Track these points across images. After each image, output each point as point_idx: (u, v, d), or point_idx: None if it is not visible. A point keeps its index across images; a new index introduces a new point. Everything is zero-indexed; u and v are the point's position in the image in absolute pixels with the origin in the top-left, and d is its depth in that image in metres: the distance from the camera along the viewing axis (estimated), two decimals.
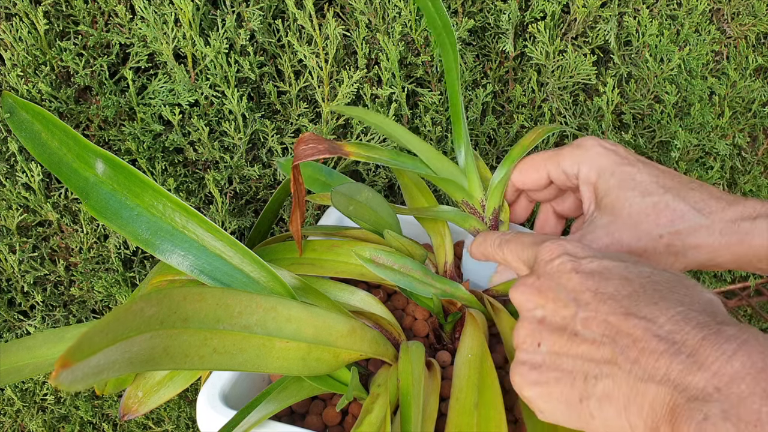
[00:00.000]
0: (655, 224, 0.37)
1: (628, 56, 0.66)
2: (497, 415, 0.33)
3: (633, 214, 0.38)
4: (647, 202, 0.38)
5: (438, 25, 0.44)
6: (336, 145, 0.42)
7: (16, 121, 0.36)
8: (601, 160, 0.41)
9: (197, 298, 0.30)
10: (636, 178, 0.39)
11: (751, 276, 0.84)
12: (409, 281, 0.42)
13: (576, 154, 0.42)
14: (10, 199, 0.60)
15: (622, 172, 0.40)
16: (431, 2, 0.43)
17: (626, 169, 0.40)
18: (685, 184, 0.39)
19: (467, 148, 0.46)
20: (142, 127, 0.59)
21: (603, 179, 0.40)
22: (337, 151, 0.41)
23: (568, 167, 0.42)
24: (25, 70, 0.56)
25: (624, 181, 0.39)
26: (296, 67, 0.62)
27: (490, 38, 0.64)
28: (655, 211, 0.38)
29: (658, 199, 0.38)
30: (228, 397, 0.39)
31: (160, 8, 0.55)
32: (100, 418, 0.75)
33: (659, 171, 0.40)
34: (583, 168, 0.41)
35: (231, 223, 0.64)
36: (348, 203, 0.46)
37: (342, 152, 0.42)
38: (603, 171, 0.40)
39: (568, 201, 0.46)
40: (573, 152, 0.42)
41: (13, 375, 0.39)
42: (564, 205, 0.47)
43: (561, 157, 0.43)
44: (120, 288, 0.65)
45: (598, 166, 0.41)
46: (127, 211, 0.36)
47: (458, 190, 0.46)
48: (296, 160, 0.40)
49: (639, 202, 0.38)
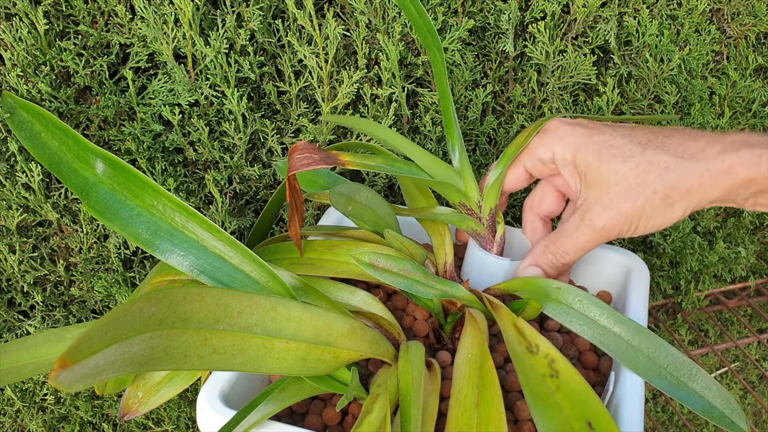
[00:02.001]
0: (645, 183, 0.38)
1: (628, 56, 0.66)
2: (497, 414, 0.33)
3: (621, 180, 0.39)
4: (630, 164, 0.39)
5: (423, 29, 0.44)
6: (331, 155, 0.42)
7: (16, 121, 0.36)
8: (570, 138, 0.41)
9: (197, 298, 0.30)
10: (612, 144, 0.40)
11: (751, 276, 0.84)
12: (409, 284, 0.42)
13: (545, 140, 0.43)
14: (10, 199, 0.60)
15: (595, 142, 0.40)
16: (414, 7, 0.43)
17: (598, 138, 0.40)
18: (659, 133, 0.40)
19: (461, 150, 0.46)
20: (142, 127, 0.59)
21: (580, 155, 0.41)
22: (332, 161, 0.41)
23: (542, 154, 0.43)
24: (25, 70, 0.56)
25: (602, 151, 0.40)
26: (296, 67, 0.62)
27: (490, 38, 0.64)
28: (642, 170, 0.38)
29: (640, 158, 0.39)
30: (228, 397, 0.39)
31: (160, 8, 0.55)
32: (100, 418, 0.75)
33: (630, 129, 0.41)
34: (557, 150, 0.42)
35: (231, 223, 0.64)
36: (347, 203, 0.46)
37: (338, 162, 0.42)
38: (577, 147, 0.41)
39: (549, 198, 0.47)
40: (542, 139, 0.43)
41: (13, 375, 0.39)
42: (546, 207, 0.47)
43: (532, 147, 0.44)
44: (120, 288, 0.65)
45: (571, 144, 0.41)
46: (127, 211, 0.36)
47: (455, 192, 0.46)
48: (291, 170, 0.40)
49: (623, 166, 0.39)
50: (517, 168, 0.45)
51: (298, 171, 0.39)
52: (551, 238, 0.43)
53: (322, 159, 0.41)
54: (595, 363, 0.44)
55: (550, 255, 0.43)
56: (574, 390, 0.33)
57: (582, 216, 0.41)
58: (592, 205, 0.40)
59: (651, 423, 0.86)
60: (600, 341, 0.38)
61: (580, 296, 0.40)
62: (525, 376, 0.34)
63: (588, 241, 0.41)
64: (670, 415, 0.96)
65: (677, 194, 0.38)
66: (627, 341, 0.38)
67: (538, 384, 0.33)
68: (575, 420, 0.31)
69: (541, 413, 0.32)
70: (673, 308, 0.84)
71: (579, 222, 0.41)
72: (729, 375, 0.98)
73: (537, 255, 0.44)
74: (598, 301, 0.39)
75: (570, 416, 0.31)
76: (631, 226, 0.39)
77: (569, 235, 0.42)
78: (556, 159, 0.42)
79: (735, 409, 0.35)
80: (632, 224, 0.39)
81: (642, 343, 0.38)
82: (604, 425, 0.31)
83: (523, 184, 0.46)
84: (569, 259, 0.42)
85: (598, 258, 0.52)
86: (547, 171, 0.44)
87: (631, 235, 0.40)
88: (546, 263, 0.43)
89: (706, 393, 0.36)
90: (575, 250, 0.42)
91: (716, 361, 0.97)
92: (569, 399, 0.32)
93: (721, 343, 0.79)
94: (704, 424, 0.96)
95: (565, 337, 0.46)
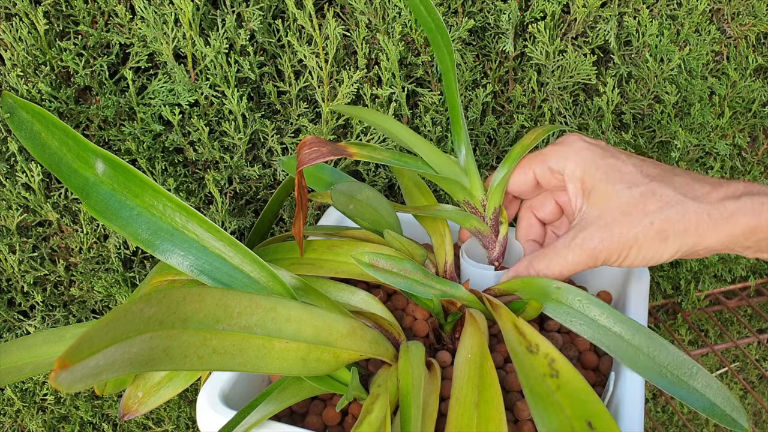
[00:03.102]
0: (644, 212, 0.38)
1: (628, 56, 0.66)
2: (497, 415, 0.33)
3: (622, 204, 0.39)
4: (634, 192, 0.39)
5: (431, 27, 0.44)
6: (339, 147, 0.42)
7: (16, 121, 0.36)
8: (584, 153, 0.41)
9: (197, 298, 0.30)
10: (621, 170, 0.40)
11: (751, 276, 0.84)
12: (409, 284, 0.42)
13: (560, 151, 0.43)
14: (10, 199, 0.60)
15: (607, 164, 0.41)
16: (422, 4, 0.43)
17: (610, 162, 0.41)
18: (669, 171, 0.40)
19: (467, 148, 0.46)
20: (142, 127, 0.59)
21: (589, 173, 0.41)
22: (341, 152, 0.41)
23: (553, 164, 0.43)
24: (25, 70, 0.56)
25: (609, 174, 0.40)
26: (296, 67, 0.62)
27: (490, 38, 0.64)
28: (643, 200, 0.38)
29: (645, 188, 0.39)
30: (228, 398, 0.39)
31: (160, 8, 0.55)
32: (100, 418, 0.75)
33: (641, 161, 0.41)
34: (568, 164, 0.42)
35: (231, 223, 0.64)
36: (348, 202, 0.46)
37: (346, 153, 0.42)
38: (588, 165, 0.41)
39: (549, 206, 0.47)
40: (557, 149, 0.43)
41: (13, 374, 0.39)
42: (545, 210, 0.47)
43: (545, 155, 0.43)
44: (120, 288, 0.65)
45: (583, 161, 0.41)
46: (127, 211, 0.36)
47: (460, 190, 0.46)
48: (300, 165, 0.40)
49: (626, 192, 0.39)
50: (526, 172, 0.45)
51: (307, 165, 0.39)
52: (538, 254, 0.42)
53: (330, 151, 0.41)
54: (595, 363, 0.44)
55: (533, 272, 0.42)
56: (574, 389, 0.33)
57: (575, 234, 0.40)
58: (587, 224, 0.40)
59: (651, 423, 0.86)
60: (600, 341, 0.38)
61: (580, 296, 0.40)
62: (525, 376, 0.34)
63: (576, 261, 0.40)
64: (670, 415, 0.96)
65: (673, 230, 0.37)
66: (627, 340, 0.38)
67: (538, 384, 0.33)
68: (575, 419, 0.31)
69: (542, 413, 0.32)
70: (673, 308, 0.84)
71: (570, 240, 0.40)
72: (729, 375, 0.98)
73: (520, 269, 0.43)
74: (598, 300, 0.39)
75: (570, 416, 0.31)
76: (621, 254, 0.39)
77: (558, 252, 0.41)
78: (566, 172, 0.42)
79: (736, 407, 0.35)
80: (622, 252, 0.39)
81: (642, 343, 0.37)
82: (605, 425, 0.31)
83: (528, 189, 0.46)
84: (552, 278, 0.41)
85: None
86: (555, 182, 0.44)
87: (618, 265, 0.40)
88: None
89: (707, 391, 0.36)
90: (561, 268, 0.41)
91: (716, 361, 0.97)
92: (569, 399, 0.32)
93: (721, 343, 0.79)
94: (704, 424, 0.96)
95: (565, 337, 0.46)
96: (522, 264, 0.43)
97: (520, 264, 0.43)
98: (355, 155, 0.42)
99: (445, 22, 0.61)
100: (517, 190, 0.46)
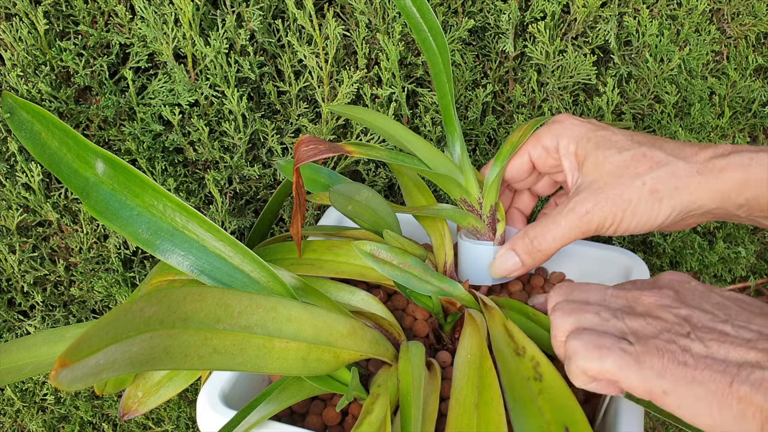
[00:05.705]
0: (635, 173, 0.39)
1: (628, 56, 0.66)
2: (497, 415, 0.33)
3: (613, 168, 0.40)
4: (625, 155, 0.40)
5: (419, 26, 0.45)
6: (337, 145, 0.42)
7: (16, 121, 0.36)
8: (576, 129, 0.43)
9: (197, 298, 0.29)
10: (612, 139, 0.41)
11: (751, 276, 0.84)
12: (407, 277, 0.42)
13: (553, 129, 0.44)
14: (10, 199, 0.60)
15: (598, 136, 0.42)
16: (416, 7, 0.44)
17: (601, 133, 0.42)
18: (658, 139, 0.41)
19: (462, 145, 0.46)
20: (142, 127, 0.59)
21: (581, 145, 0.42)
22: (338, 150, 0.41)
23: (548, 142, 0.44)
24: (25, 70, 0.56)
25: (601, 143, 0.41)
26: (296, 67, 0.62)
27: (490, 38, 0.64)
28: (634, 162, 0.39)
29: (635, 151, 0.40)
30: (228, 398, 0.39)
31: (160, 8, 0.55)
32: (100, 418, 0.75)
33: (631, 132, 0.42)
34: (562, 140, 0.43)
35: (231, 223, 0.64)
36: (347, 203, 0.46)
37: (344, 150, 0.42)
38: (581, 138, 0.42)
39: (543, 182, 0.48)
40: (550, 128, 0.44)
41: (13, 374, 0.39)
42: (540, 186, 0.49)
43: (539, 135, 0.45)
44: (120, 288, 0.65)
45: (576, 135, 0.43)
46: (127, 211, 0.36)
47: (456, 187, 0.46)
48: (298, 163, 0.40)
49: (617, 156, 0.40)
50: (522, 156, 0.46)
51: (305, 162, 0.39)
52: (532, 224, 0.43)
53: (328, 149, 0.41)
54: None
55: (527, 239, 0.43)
56: (556, 394, 0.33)
57: (568, 201, 0.41)
58: (581, 190, 0.41)
59: (651, 423, 0.86)
60: None
61: None
62: (508, 378, 0.34)
63: (569, 226, 0.41)
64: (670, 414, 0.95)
65: (666, 189, 0.38)
66: None
67: (521, 387, 0.34)
68: (554, 424, 0.31)
69: (520, 416, 0.32)
70: None
71: (563, 207, 0.41)
72: None
73: (515, 239, 0.44)
74: None
75: (549, 420, 0.32)
76: (615, 218, 0.39)
77: (552, 219, 0.41)
78: (560, 149, 0.43)
79: None
80: (616, 216, 0.39)
81: None
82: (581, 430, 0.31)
83: (525, 174, 0.47)
84: (545, 245, 0.42)
85: (598, 258, 0.52)
86: (551, 162, 0.45)
87: (613, 231, 0.40)
88: (522, 249, 0.43)
89: None
90: (554, 234, 0.41)
91: None
92: (550, 403, 0.33)
93: None
94: None
95: None
96: (518, 235, 0.44)
97: (516, 236, 0.44)
98: (354, 153, 0.42)
99: (445, 22, 0.61)
100: (515, 176, 0.47)
